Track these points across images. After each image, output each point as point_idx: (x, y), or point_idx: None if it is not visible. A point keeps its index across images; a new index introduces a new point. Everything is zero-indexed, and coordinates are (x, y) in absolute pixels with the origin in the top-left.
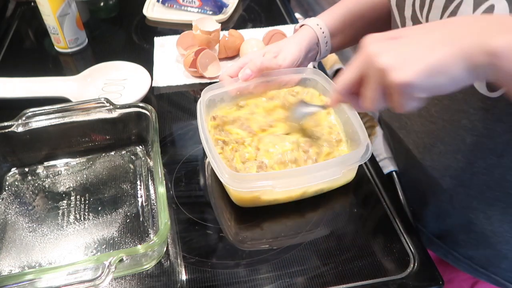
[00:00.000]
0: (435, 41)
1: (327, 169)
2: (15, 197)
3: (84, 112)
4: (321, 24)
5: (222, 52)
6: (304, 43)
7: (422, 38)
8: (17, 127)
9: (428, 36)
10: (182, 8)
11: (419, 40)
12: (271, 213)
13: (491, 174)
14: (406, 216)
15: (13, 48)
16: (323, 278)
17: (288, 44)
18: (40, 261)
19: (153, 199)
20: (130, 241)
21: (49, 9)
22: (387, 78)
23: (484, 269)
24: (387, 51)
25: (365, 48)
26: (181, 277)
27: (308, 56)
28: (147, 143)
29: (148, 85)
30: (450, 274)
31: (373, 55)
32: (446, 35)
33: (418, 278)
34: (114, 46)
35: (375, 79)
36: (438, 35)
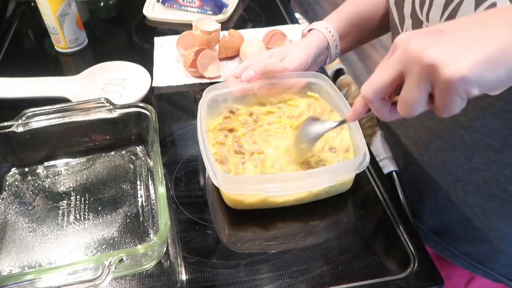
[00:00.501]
0: (491, 26)
1: (321, 177)
2: (15, 197)
3: (84, 112)
4: (330, 28)
5: (222, 52)
6: (313, 48)
7: (473, 27)
8: (17, 127)
9: (479, 25)
10: (182, 8)
11: (471, 29)
12: (271, 213)
13: (489, 169)
14: (406, 216)
15: (13, 48)
16: (323, 278)
17: (296, 48)
18: (40, 261)
19: (153, 199)
20: (130, 241)
21: (49, 9)
22: (437, 74)
23: (481, 265)
24: (434, 45)
25: (404, 44)
26: (181, 277)
27: (318, 60)
28: (147, 143)
29: (148, 85)
30: (447, 270)
31: (418, 50)
32: (497, 24)
33: (418, 278)
34: (114, 46)
35: (421, 77)
36: (491, 22)
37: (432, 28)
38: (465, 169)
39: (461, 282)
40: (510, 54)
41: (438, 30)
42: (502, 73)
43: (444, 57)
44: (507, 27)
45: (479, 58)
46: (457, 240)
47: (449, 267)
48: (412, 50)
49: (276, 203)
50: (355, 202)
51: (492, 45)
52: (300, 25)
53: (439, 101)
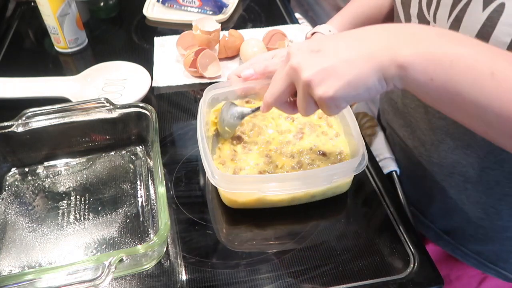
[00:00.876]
0: (352, 56)
1: (318, 177)
2: (15, 197)
3: (84, 112)
4: (333, 31)
5: (222, 52)
6: None
7: (340, 52)
8: (17, 127)
9: (345, 50)
10: (182, 8)
11: (338, 54)
12: (271, 214)
13: (501, 169)
14: (406, 216)
15: (13, 48)
16: (323, 278)
17: None
18: (40, 261)
19: (153, 199)
20: (130, 241)
21: (49, 9)
22: (312, 91)
23: (493, 264)
24: (309, 66)
25: (290, 58)
26: (181, 277)
27: None
28: (147, 143)
29: (148, 85)
30: (458, 271)
31: (298, 68)
32: (362, 49)
33: (418, 278)
34: (114, 46)
35: (303, 91)
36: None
37: (313, 46)
38: (477, 169)
39: (472, 282)
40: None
41: (316, 49)
42: (360, 92)
43: (316, 79)
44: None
45: (342, 83)
46: (469, 240)
47: (460, 267)
48: (293, 68)
49: (272, 201)
50: (355, 202)
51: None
52: (300, 25)
53: (321, 108)
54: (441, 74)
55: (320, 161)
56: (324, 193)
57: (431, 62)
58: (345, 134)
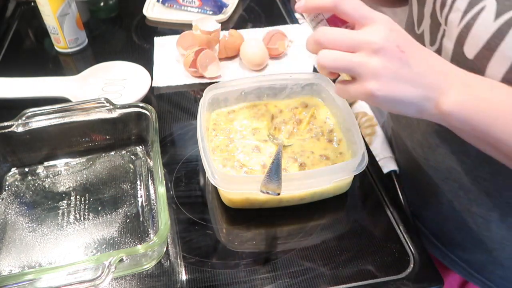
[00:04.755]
0: (415, 77)
1: (318, 177)
2: (15, 197)
3: (84, 112)
4: None
5: (222, 52)
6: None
7: (413, 66)
8: (17, 127)
9: (416, 67)
10: (182, 8)
11: (409, 68)
12: (271, 214)
13: (493, 180)
14: (406, 216)
15: (13, 48)
16: (323, 278)
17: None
18: (40, 261)
19: (153, 199)
20: (130, 241)
21: (49, 9)
22: (366, 76)
23: (479, 274)
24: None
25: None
26: (181, 277)
27: None
28: (147, 143)
29: (148, 85)
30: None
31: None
32: (424, 76)
33: (418, 278)
34: (114, 46)
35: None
36: (420, 71)
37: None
38: (470, 177)
39: (454, 285)
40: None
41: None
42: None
43: (376, 87)
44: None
45: (391, 95)
46: (457, 247)
47: (443, 270)
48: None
49: (272, 202)
50: (355, 202)
51: (402, 92)
52: (300, 25)
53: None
54: (481, 127)
55: (321, 161)
56: (324, 193)
57: (473, 116)
58: (345, 134)
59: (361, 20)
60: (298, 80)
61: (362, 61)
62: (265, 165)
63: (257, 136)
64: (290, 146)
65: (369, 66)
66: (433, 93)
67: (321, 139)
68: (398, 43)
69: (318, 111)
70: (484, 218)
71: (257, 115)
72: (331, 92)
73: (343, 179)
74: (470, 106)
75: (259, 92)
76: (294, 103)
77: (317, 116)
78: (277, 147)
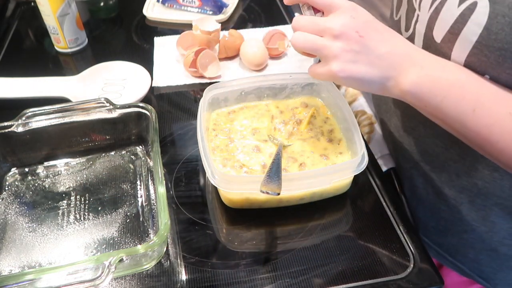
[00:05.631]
0: (374, 59)
1: (319, 177)
2: (15, 197)
3: (84, 112)
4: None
5: (222, 52)
6: None
7: (372, 48)
8: (17, 127)
9: (374, 49)
10: (182, 8)
11: (368, 50)
12: (271, 214)
13: (463, 161)
14: (406, 216)
15: (13, 48)
16: (323, 278)
17: None
18: (40, 261)
19: (153, 199)
20: (130, 241)
21: (49, 9)
22: (330, 60)
23: (452, 258)
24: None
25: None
26: (181, 277)
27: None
28: (147, 143)
29: (148, 85)
30: None
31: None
32: (383, 58)
33: (418, 278)
34: (114, 46)
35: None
36: (380, 54)
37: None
38: (441, 159)
39: None
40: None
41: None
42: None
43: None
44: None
45: (351, 74)
46: (430, 231)
47: None
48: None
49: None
50: (355, 202)
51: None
52: None
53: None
54: (433, 105)
55: (321, 161)
56: (324, 193)
57: (426, 95)
58: (345, 134)
59: (327, 8)
60: (298, 80)
61: (326, 44)
62: (265, 165)
63: (257, 136)
64: (290, 146)
65: (331, 50)
66: (392, 73)
67: (321, 139)
68: (357, 28)
69: (318, 111)
70: (456, 200)
71: (257, 115)
72: (331, 92)
73: (343, 179)
74: (424, 85)
75: (259, 92)
76: (294, 103)
77: (317, 116)
78: (277, 147)
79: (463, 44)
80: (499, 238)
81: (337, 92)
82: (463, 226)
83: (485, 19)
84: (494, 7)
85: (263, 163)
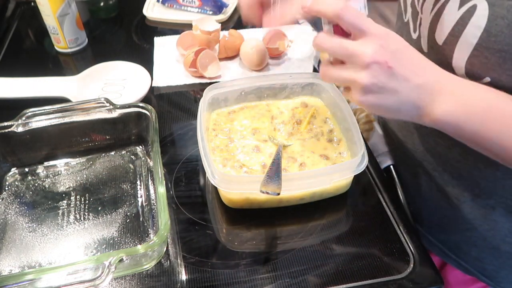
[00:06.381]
0: (402, 89)
1: (318, 178)
2: (15, 197)
3: (84, 112)
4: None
5: (222, 52)
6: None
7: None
8: (17, 127)
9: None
10: (182, 8)
11: (397, 81)
12: (271, 214)
13: (465, 161)
14: (406, 216)
15: (13, 48)
16: (323, 278)
17: None
18: (40, 261)
19: (153, 199)
20: (130, 241)
21: (49, 9)
22: (357, 90)
23: (455, 255)
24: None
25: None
26: (181, 277)
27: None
28: (147, 143)
29: (148, 85)
30: None
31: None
32: (412, 88)
33: (418, 278)
34: (114, 46)
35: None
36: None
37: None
38: (444, 159)
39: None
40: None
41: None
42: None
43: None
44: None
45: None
46: (434, 228)
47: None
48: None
49: (271, 202)
50: (355, 202)
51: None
52: (300, 25)
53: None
54: (470, 131)
55: (321, 161)
56: (324, 193)
57: (462, 123)
58: (345, 134)
59: (357, 33)
60: (298, 80)
61: (352, 76)
62: (265, 165)
63: (257, 136)
64: (290, 146)
65: (358, 81)
66: (421, 103)
67: (321, 139)
68: (386, 58)
69: (318, 111)
70: (458, 199)
71: (257, 115)
72: (331, 92)
73: (343, 179)
74: (458, 113)
75: (259, 92)
76: (294, 103)
77: (317, 116)
78: (277, 147)
79: (464, 46)
80: (501, 236)
81: (337, 92)
82: (465, 224)
83: (485, 21)
84: (494, 10)
85: (263, 163)
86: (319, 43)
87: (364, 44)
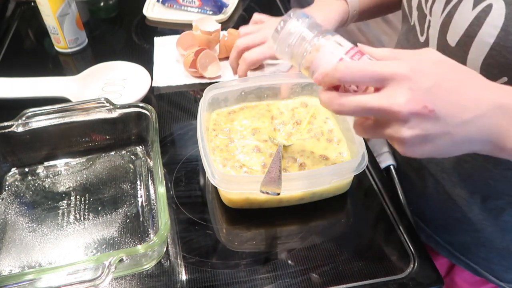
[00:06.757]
0: (454, 129)
1: (318, 178)
2: (15, 197)
3: (84, 112)
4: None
5: (222, 52)
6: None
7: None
8: (17, 127)
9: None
10: (182, 8)
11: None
12: (271, 214)
13: (474, 161)
14: (406, 216)
15: (13, 48)
16: (323, 278)
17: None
18: (40, 261)
19: (153, 199)
20: (130, 241)
21: (49, 9)
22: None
23: (463, 256)
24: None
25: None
26: (181, 277)
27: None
28: (147, 143)
29: (148, 85)
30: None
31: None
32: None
33: (418, 278)
34: (114, 46)
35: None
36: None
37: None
38: (452, 160)
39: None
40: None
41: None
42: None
43: (411, 142)
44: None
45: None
46: (441, 229)
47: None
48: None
49: (271, 202)
50: (355, 202)
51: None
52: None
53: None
54: None
55: (321, 161)
56: (324, 193)
57: None
58: (345, 134)
59: (375, 84)
60: (298, 80)
61: (390, 133)
62: (265, 165)
63: (257, 136)
64: (290, 146)
65: (398, 138)
66: (486, 137)
67: (321, 139)
68: (422, 103)
69: (318, 111)
70: (467, 200)
71: (257, 115)
72: None
73: (343, 179)
74: None
75: (259, 92)
76: (294, 103)
77: (317, 116)
78: (277, 147)
79: (480, 46)
80: (511, 237)
81: None
82: (474, 225)
83: (502, 20)
84: (511, 8)
85: (263, 163)
86: (338, 109)
87: (391, 96)
